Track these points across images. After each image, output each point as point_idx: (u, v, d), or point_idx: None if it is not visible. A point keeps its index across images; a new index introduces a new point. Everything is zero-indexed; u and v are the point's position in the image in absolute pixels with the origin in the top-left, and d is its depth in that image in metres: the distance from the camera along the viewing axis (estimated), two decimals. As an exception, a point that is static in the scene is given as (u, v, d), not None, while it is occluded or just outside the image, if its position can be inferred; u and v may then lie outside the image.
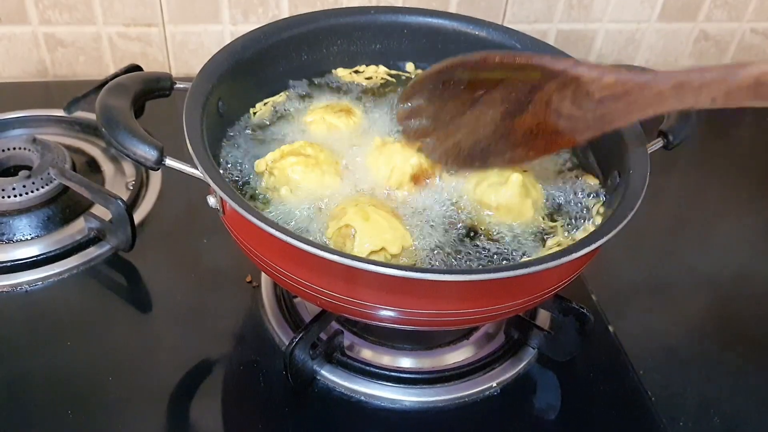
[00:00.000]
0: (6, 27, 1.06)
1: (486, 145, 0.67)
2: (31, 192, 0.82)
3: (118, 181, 0.90)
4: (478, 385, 0.70)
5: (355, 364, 0.71)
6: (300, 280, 0.57)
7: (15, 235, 0.81)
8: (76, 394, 0.67)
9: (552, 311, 0.72)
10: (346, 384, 0.69)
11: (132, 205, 0.86)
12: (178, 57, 1.13)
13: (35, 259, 0.79)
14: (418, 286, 0.54)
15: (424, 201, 0.67)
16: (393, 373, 0.70)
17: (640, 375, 0.74)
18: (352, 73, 0.83)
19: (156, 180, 0.92)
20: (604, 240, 0.55)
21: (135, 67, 0.95)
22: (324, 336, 0.70)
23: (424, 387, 0.70)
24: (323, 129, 0.74)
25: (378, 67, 0.84)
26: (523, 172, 0.69)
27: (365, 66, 0.83)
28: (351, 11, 0.82)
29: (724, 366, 0.78)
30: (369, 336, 0.74)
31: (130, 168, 0.93)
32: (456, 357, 0.73)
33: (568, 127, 0.61)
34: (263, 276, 0.79)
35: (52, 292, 0.77)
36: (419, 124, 0.71)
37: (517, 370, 0.72)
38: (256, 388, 0.69)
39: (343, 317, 0.74)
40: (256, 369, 0.70)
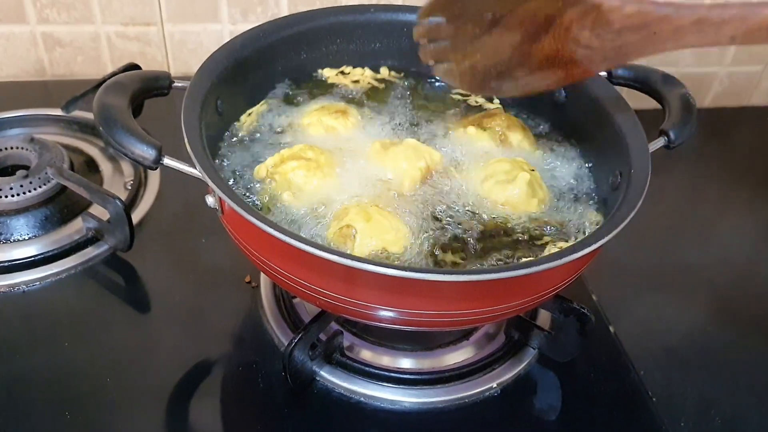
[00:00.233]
0: (4, 26, 1.06)
1: (503, 69, 0.67)
2: (29, 192, 0.82)
3: (116, 181, 0.90)
4: (478, 385, 0.70)
5: (355, 364, 0.70)
6: (299, 280, 0.57)
7: (12, 235, 0.80)
8: (74, 394, 0.66)
9: (552, 311, 0.72)
10: (345, 385, 0.69)
11: (130, 204, 0.86)
12: (177, 56, 1.13)
13: (33, 259, 0.79)
14: (417, 286, 0.54)
15: (427, 200, 0.67)
16: (393, 374, 0.70)
17: (641, 375, 0.73)
18: (338, 74, 0.82)
19: (154, 179, 0.92)
20: (605, 240, 0.54)
21: (133, 66, 0.94)
22: (323, 336, 0.70)
23: (424, 388, 0.70)
24: (321, 131, 0.74)
25: (364, 70, 0.83)
26: (531, 171, 0.69)
27: (352, 68, 0.83)
28: (350, 9, 0.82)
29: (725, 366, 0.78)
30: (368, 336, 0.74)
31: (128, 167, 0.92)
32: (456, 357, 0.73)
33: (585, 57, 0.61)
34: (262, 276, 0.79)
35: (50, 293, 0.76)
36: (436, 46, 0.70)
37: (517, 370, 0.72)
38: (255, 388, 0.68)
39: (343, 318, 0.73)
40: (255, 370, 0.70)
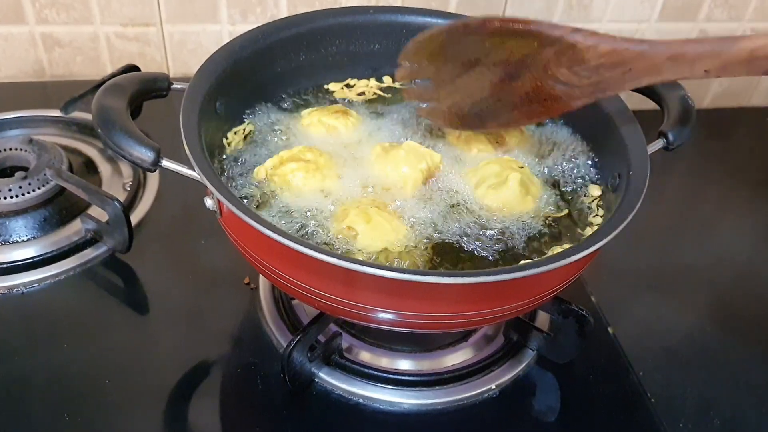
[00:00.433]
0: (3, 26, 1.05)
1: (484, 107, 0.68)
2: (28, 193, 0.82)
3: (115, 182, 0.90)
4: (477, 387, 0.70)
5: (354, 366, 0.70)
6: (297, 282, 0.57)
7: (11, 236, 0.80)
8: (73, 396, 0.66)
9: (551, 313, 0.72)
10: (344, 386, 0.69)
11: (129, 206, 0.86)
12: (176, 57, 1.12)
13: (32, 260, 0.78)
14: (416, 288, 0.54)
15: (427, 202, 0.67)
16: (391, 376, 0.70)
17: (640, 376, 0.73)
18: (343, 87, 0.82)
19: (153, 181, 0.91)
20: (604, 242, 0.54)
21: (132, 67, 0.94)
22: (322, 338, 0.70)
23: (423, 389, 0.70)
24: (322, 131, 0.73)
25: (369, 80, 0.83)
26: (520, 168, 0.69)
27: (356, 80, 0.83)
28: (350, 11, 0.82)
29: (725, 366, 0.78)
30: (367, 338, 0.74)
31: (127, 169, 0.92)
32: (455, 359, 0.73)
33: (564, 93, 0.62)
34: (261, 278, 0.79)
35: (49, 294, 0.76)
36: (419, 86, 0.72)
37: (516, 372, 0.72)
38: (254, 390, 0.68)
39: (342, 319, 0.73)
40: (254, 371, 0.70)
